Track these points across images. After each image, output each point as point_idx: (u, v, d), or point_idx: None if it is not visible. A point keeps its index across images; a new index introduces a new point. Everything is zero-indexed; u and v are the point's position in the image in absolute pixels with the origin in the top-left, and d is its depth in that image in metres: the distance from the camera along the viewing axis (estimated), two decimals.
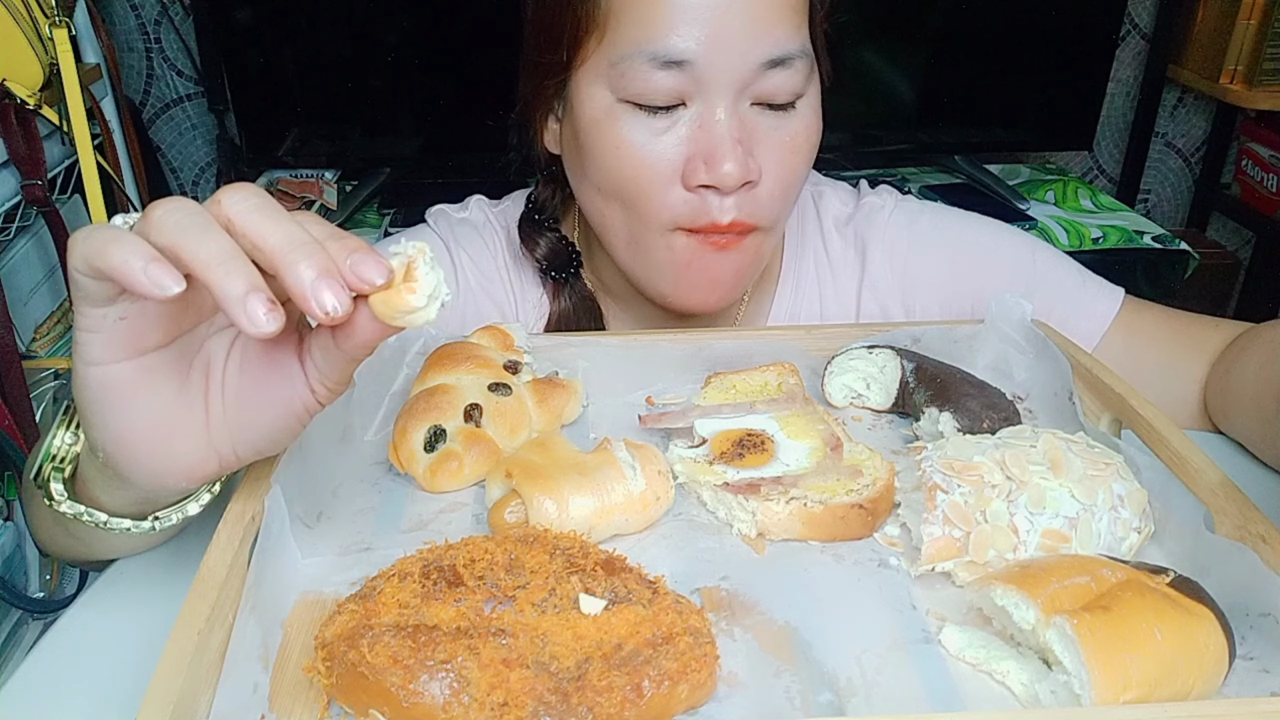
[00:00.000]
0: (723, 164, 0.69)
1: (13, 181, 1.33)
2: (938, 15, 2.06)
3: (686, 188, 0.72)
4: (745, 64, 0.69)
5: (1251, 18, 2.11)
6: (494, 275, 0.89)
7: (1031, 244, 0.89)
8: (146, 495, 0.49)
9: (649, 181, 0.72)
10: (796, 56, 0.71)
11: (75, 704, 0.51)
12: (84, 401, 0.43)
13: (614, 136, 0.72)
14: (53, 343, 1.48)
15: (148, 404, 0.43)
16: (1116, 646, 0.41)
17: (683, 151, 0.71)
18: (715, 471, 0.57)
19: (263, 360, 0.45)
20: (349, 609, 0.43)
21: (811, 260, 0.91)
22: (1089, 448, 0.54)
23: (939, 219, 0.90)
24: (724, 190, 0.71)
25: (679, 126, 0.71)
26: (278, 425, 0.46)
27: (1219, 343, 0.78)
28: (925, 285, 0.88)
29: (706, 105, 0.70)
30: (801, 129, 0.74)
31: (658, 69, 0.69)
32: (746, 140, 0.71)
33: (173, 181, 2.22)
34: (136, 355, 0.42)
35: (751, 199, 0.72)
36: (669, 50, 0.68)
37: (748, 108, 0.72)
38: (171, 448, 0.45)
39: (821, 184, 0.94)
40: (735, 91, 0.70)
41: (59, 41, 1.33)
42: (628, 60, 0.69)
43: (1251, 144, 2.33)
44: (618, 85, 0.71)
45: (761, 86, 0.71)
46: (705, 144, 0.70)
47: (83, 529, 0.52)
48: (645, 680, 0.40)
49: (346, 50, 1.97)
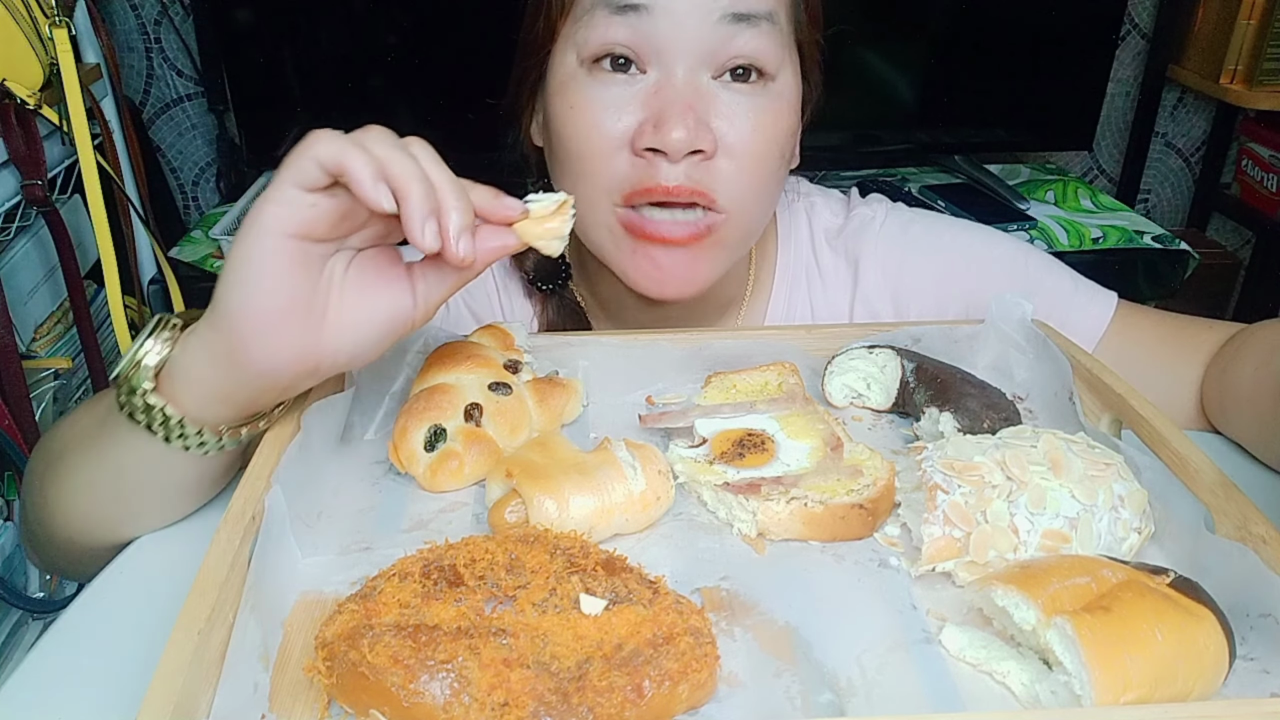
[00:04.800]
0: (671, 127, 0.67)
1: (13, 181, 1.32)
2: (938, 15, 2.06)
3: (634, 152, 0.69)
4: (706, 15, 0.67)
5: (1251, 18, 2.11)
6: (480, 293, 0.89)
7: (1024, 250, 0.88)
8: (230, 392, 0.54)
9: (598, 143, 0.70)
10: (763, 17, 0.69)
11: (75, 704, 0.51)
12: (241, 268, 0.50)
13: (571, 97, 0.71)
14: (53, 343, 1.48)
15: (290, 286, 0.51)
16: (1117, 647, 0.41)
17: (636, 116, 0.69)
18: (716, 471, 0.57)
19: (376, 278, 0.54)
20: (349, 609, 0.43)
21: (804, 272, 0.89)
22: (1089, 448, 0.54)
23: (930, 228, 0.89)
24: (671, 155, 0.68)
25: (635, 92, 0.70)
26: (378, 333, 0.54)
27: (1214, 344, 0.78)
28: (918, 295, 0.87)
29: (664, 70, 0.69)
30: (768, 109, 0.71)
31: (613, 15, 0.68)
32: (702, 109, 0.69)
33: (173, 181, 2.22)
34: (303, 239, 0.50)
35: (705, 169, 0.70)
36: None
37: (709, 79, 0.70)
38: (290, 335, 0.52)
39: (813, 194, 0.93)
40: (696, 56, 0.69)
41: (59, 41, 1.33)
42: (588, 13, 0.69)
43: (1251, 144, 2.33)
44: (581, 45, 0.70)
45: (725, 49, 0.69)
46: (657, 108, 0.68)
47: (138, 445, 0.56)
48: (646, 680, 0.40)
49: (346, 50, 1.97)
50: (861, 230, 0.88)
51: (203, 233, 1.93)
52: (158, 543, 0.62)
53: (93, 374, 1.48)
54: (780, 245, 0.89)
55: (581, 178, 0.72)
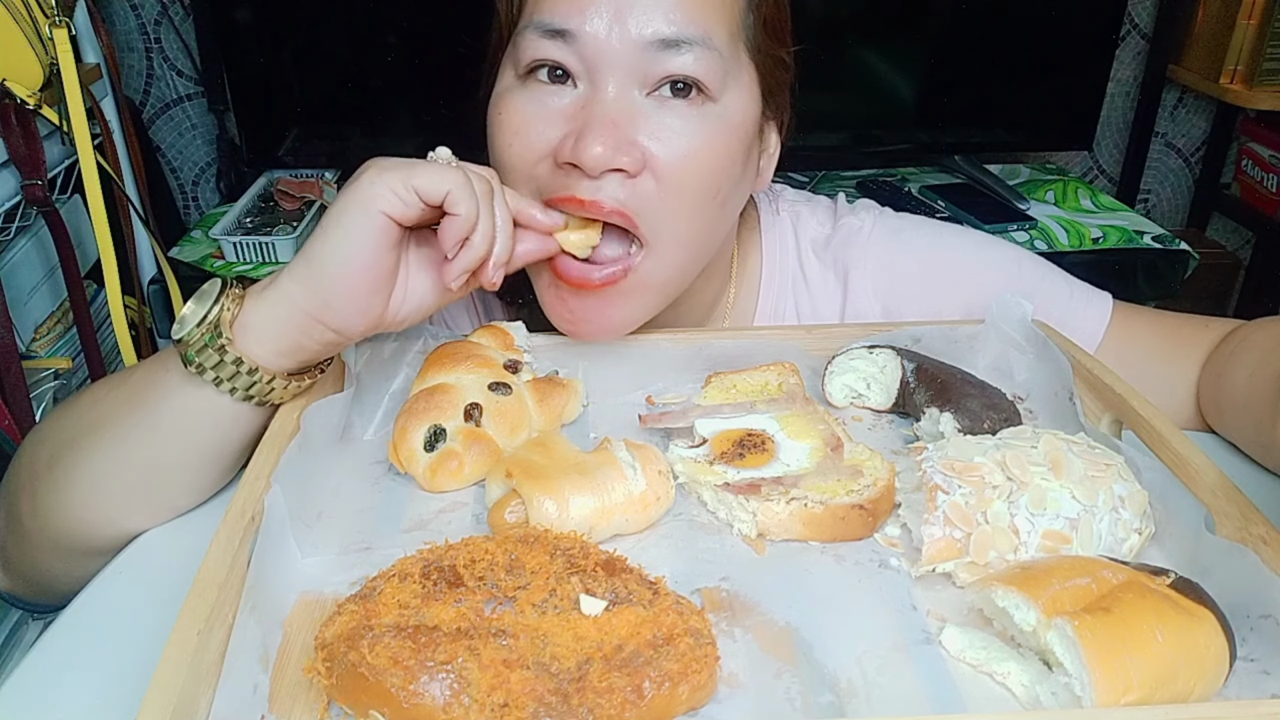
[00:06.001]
0: (589, 144, 0.64)
1: (13, 181, 1.32)
2: (938, 15, 2.06)
3: (556, 164, 0.67)
4: (632, 41, 0.66)
5: (1251, 18, 2.11)
6: (460, 311, 0.88)
7: (1017, 255, 0.87)
8: (300, 344, 0.61)
9: (520, 152, 0.69)
10: (694, 43, 0.66)
11: (75, 704, 0.50)
12: (344, 238, 0.59)
13: (503, 107, 0.70)
14: (52, 343, 1.48)
15: (381, 260, 0.60)
16: (1117, 648, 0.41)
17: (560, 129, 0.67)
18: (716, 471, 0.57)
19: (431, 258, 0.64)
20: (349, 609, 0.43)
21: (789, 283, 0.87)
22: (1090, 448, 0.54)
23: (920, 235, 0.87)
24: (589, 171, 0.65)
25: (565, 105, 0.68)
26: (431, 304, 0.65)
27: (1210, 342, 0.78)
28: (909, 303, 0.85)
29: (594, 85, 0.67)
30: (704, 131, 0.68)
31: (543, 38, 0.67)
32: (630, 126, 0.66)
33: (173, 181, 2.22)
34: (399, 223, 0.59)
35: (631, 188, 0.67)
36: (553, 20, 0.66)
37: (643, 96, 0.67)
38: (371, 300, 0.61)
39: (798, 203, 0.90)
40: (625, 73, 0.66)
41: (59, 41, 1.33)
42: (523, 33, 0.68)
43: (1251, 144, 2.33)
44: (516, 60, 0.69)
45: (656, 70, 0.66)
46: (580, 122, 0.66)
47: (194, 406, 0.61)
48: (646, 681, 0.40)
49: (346, 50, 1.97)
50: (849, 240, 0.86)
51: (203, 233, 1.93)
52: (158, 543, 0.62)
53: (93, 374, 1.48)
54: (765, 256, 0.87)
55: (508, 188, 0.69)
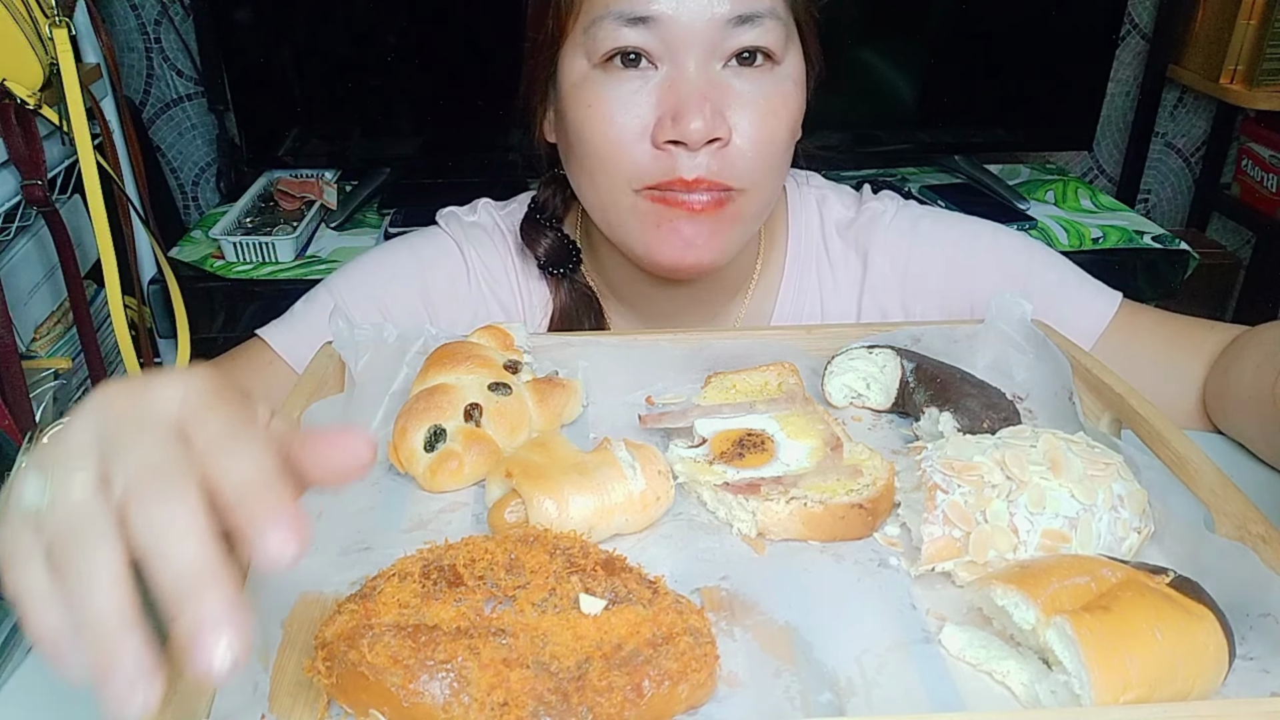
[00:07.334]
0: (689, 119, 0.70)
1: (13, 181, 1.32)
2: (938, 15, 2.06)
3: (655, 145, 0.73)
4: (711, 20, 0.71)
5: (1251, 18, 2.11)
6: (502, 278, 0.91)
7: (1029, 246, 0.90)
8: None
9: (617, 138, 0.73)
10: (765, 15, 0.72)
11: (75, 704, 0.50)
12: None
13: (587, 96, 0.74)
14: (52, 343, 1.48)
15: None
16: (1116, 647, 0.41)
17: (653, 111, 0.73)
18: (715, 471, 0.57)
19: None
20: (349, 609, 0.43)
21: (814, 263, 0.92)
22: (1089, 448, 0.54)
23: (939, 223, 0.91)
24: (691, 145, 0.71)
25: (650, 87, 0.73)
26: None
27: (1216, 345, 0.78)
28: (925, 288, 0.89)
29: (676, 65, 0.72)
30: (777, 92, 0.75)
31: (625, 26, 0.71)
32: (716, 98, 0.72)
33: (173, 181, 2.23)
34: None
35: (722, 157, 0.73)
36: (634, 8, 0.71)
37: (720, 68, 0.73)
38: None
39: (825, 188, 0.95)
40: (704, 50, 0.72)
41: (59, 41, 1.33)
42: (598, 23, 0.72)
43: (1251, 144, 2.33)
44: (592, 50, 0.73)
45: (731, 44, 0.72)
46: (673, 101, 0.71)
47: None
48: (645, 680, 0.40)
49: (346, 50, 1.97)
50: (872, 223, 0.91)
51: (203, 233, 1.93)
52: None
53: (93, 374, 1.48)
54: (791, 233, 0.92)
55: (601, 170, 0.75)
